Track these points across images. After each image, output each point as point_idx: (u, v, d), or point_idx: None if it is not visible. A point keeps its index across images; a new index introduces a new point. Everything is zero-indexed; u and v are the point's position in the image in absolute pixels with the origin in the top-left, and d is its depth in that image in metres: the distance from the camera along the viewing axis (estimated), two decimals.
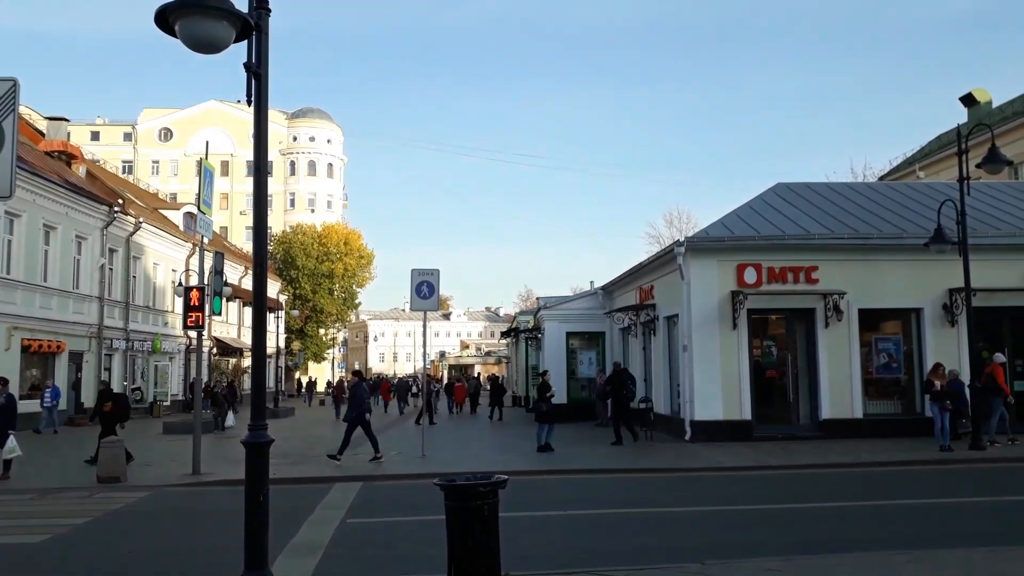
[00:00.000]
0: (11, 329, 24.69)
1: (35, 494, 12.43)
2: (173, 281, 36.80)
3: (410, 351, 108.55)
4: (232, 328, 45.44)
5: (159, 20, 5.65)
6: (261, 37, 6.03)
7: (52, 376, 27.59)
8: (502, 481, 5.27)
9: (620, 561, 7.09)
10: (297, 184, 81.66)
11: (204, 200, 15.15)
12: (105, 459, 13.34)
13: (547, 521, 9.63)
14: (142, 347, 34.15)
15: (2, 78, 6.17)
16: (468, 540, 5.11)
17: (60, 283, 27.78)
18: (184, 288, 17.07)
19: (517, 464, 14.69)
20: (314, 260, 65.20)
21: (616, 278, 25.08)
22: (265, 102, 6.13)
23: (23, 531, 9.49)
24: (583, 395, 26.07)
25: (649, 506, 10.59)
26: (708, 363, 17.54)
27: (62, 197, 27.60)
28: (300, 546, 8.23)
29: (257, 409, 6.21)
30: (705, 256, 17.99)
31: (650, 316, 21.32)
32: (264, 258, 6.43)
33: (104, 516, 10.37)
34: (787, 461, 14.30)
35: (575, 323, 26.95)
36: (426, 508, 9.11)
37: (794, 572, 6.48)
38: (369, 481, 13.27)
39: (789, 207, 20.25)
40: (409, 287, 16.71)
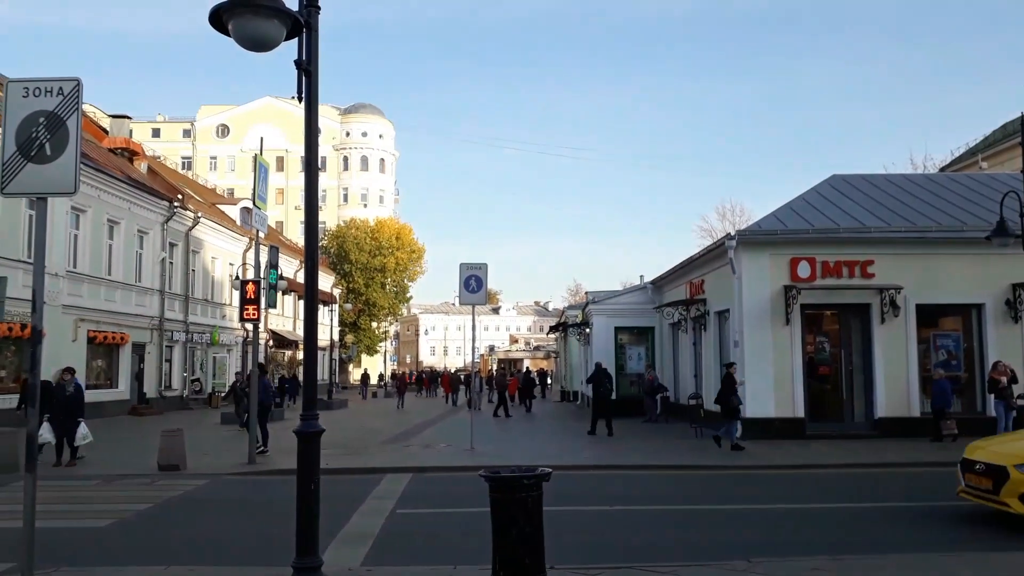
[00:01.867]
0: (78, 321, 25.65)
1: (100, 480, 12.92)
2: (230, 275, 37.78)
3: (460, 345, 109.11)
4: (288, 321, 46.39)
5: (213, 20, 5.84)
6: (311, 34, 6.17)
7: (115, 367, 28.60)
8: (546, 474, 5.32)
9: (666, 557, 7.08)
10: (350, 179, 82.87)
11: (259, 195, 15.51)
12: (165, 448, 13.80)
13: (593, 516, 9.65)
14: (201, 339, 35.13)
15: (66, 78, 6.41)
16: (512, 531, 5.17)
17: (123, 276, 28.75)
18: (240, 281, 17.54)
19: (564, 459, 14.72)
20: (367, 254, 66.14)
21: (666, 272, 24.88)
22: (315, 98, 6.27)
23: (90, 515, 9.88)
24: (632, 391, 25.92)
25: (697, 503, 10.54)
26: (760, 359, 17.31)
27: (125, 193, 28.54)
28: (351, 535, 8.41)
29: (308, 400, 6.37)
30: (757, 250, 17.74)
31: (701, 311, 21.10)
32: (315, 252, 6.58)
33: (164, 502, 10.74)
34: (840, 460, 14.04)
35: (624, 318, 26.81)
36: (474, 500, 9.20)
37: (840, 571, 6.38)
38: (419, 472, 13.47)
39: (844, 200, 19.82)
40: (458, 281, 16.86)
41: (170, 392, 32.33)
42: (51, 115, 6.37)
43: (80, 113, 6.45)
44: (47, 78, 6.47)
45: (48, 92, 6.41)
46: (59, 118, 6.37)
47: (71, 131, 6.38)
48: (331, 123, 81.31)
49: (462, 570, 6.49)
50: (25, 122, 6.38)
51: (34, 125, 6.36)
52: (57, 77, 6.47)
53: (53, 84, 6.43)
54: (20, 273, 20.70)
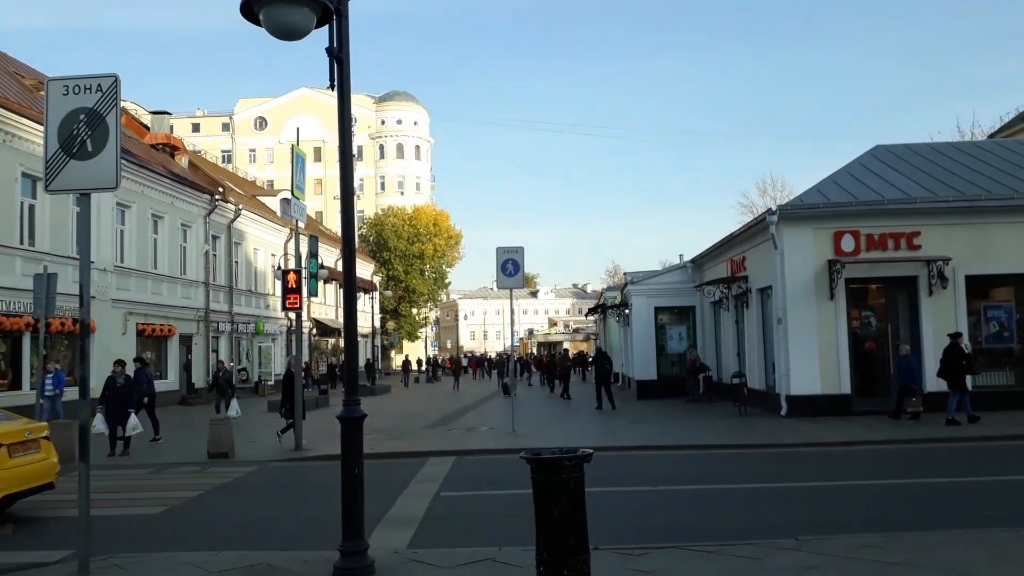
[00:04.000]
0: (127, 314, 26.28)
1: (152, 469, 13.25)
2: (272, 265, 38.36)
3: (499, 329, 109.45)
4: (330, 309, 46.95)
5: (245, 10, 5.88)
6: (341, 22, 6.17)
7: (164, 359, 29.26)
8: (587, 455, 5.28)
9: (711, 536, 7.03)
10: (386, 167, 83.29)
11: (297, 186, 15.69)
12: (214, 436, 14.10)
13: (636, 496, 9.62)
14: (246, 329, 35.75)
15: (104, 75, 6.51)
16: (555, 513, 5.15)
17: (169, 269, 29.35)
18: (282, 271, 17.77)
19: (606, 440, 14.70)
20: (405, 241, 66.50)
21: (706, 250, 24.56)
22: (347, 86, 6.27)
23: (142, 503, 10.15)
24: (673, 371, 25.73)
25: (742, 482, 10.42)
26: (804, 336, 17.02)
27: (167, 187, 29.08)
28: (396, 518, 8.51)
29: (350, 385, 6.45)
30: (799, 224, 17.41)
31: (742, 288, 20.81)
32: (352, 239, 6.61)
33: (214, 490, 10.98)
34: (888, 436, 13.78)
35: (663, 298, 26.55)
36: (517, 482, 9.23)
37: (891, 548, 6.26)
38: (462, 456, 13.55)
39: (889, 171, 19.32)
40: (495, 265, 16.85)
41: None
42: (91, 112, 6.47)
43: (119, 109, 6.54)
44: (86, 75, 6.57)
45: (87, 89, 6.51)
46: (99, 114, 6.47)
47: (111, 127, 6.48)
48: (366, 112, 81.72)
49: (507, 551, 6.52)
50: (66, 119, 6.50)
51: (75, 122, 6.48)
52: (95, 74, 6.57)
53: (92, 81, 6.53)
54: (70, 269, 21.24)
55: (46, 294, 15.43)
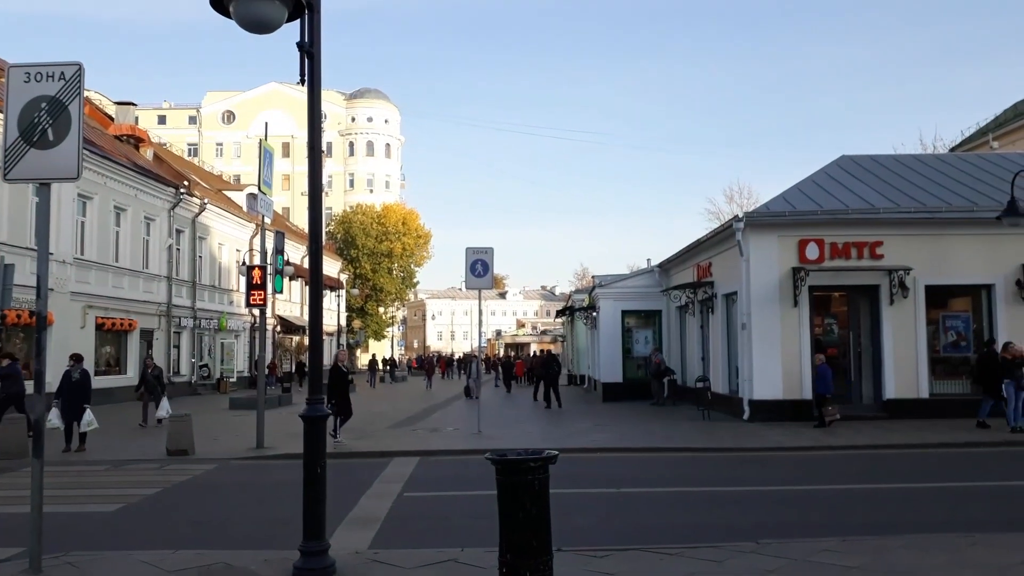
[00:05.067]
0: (86, 308, 25.73)
1: (109, 465, 12.99)
2: (237, 261, 37.86)
3: (467, 330, 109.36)
4: (295, 307, 46.47)
5: (214, 2, 5.79)
6: (313, 16, 6.11)
7: (124, 353, 28.70)
8: (552, 456, 5.28)
9: (674, 539, 7.07)
10: (356, 165, 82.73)
11: (264, 181, 15.48)
12: (174, 433, 13.86)
13: (600, 498, 9.65)
14: (209, 325, 35.22)
15: (67, 63, 6.37)
16: (519, 514, 5.15)
17: (131, 263, 28.79)
18: (247, 267, 17.54)
19: (571, 442, 14.73)
20: (373, 240, 66.13)
21: (673, 255, 24.78)
22: (318, 81, 6.21)
23: (97, 500, 9.93)
24: (639, 374, 25.91)
25: (705, 485, 10.52)
26: (768, 341, 17.24)
27: (131, 179, 28.53)
28: (358, 518, 8.43)
29: (314, 384, 6.38)
30: (765, 232, 17.63)
31: (708, 294, 21.02)
32: (319, 236, 6.55)
33: (172, 487, 10.79)
34: (848, 441, 14.00)
35: (630, 301, 26.73)
36: (481, 483, 9.21)
37: (850, 552, 6.36)
38: (426, 456, 13.49)
39: (853, 181, 19.66)
40: (464, 265, 16.81)
41: (178, 378, 32.47)
42: (53, 100, 6.34)
43: (82, 98, 6.40)
44: (48, 63, 6.44)
45: (50, 77, 6.37)
46: (61, 103, 6.34)
47: (73, 116, 6.35)
48: (337, 109, 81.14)
49: (469, 552, 6.49)
50: (27, 107, 6.36)
51: (36, 110, 6.34)
52: (59, 62, 6.43)
53: (55, 69, 6.40)
54: (28, 260, 20.72)
55: (2, 285, 15.05)
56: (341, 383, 15.51)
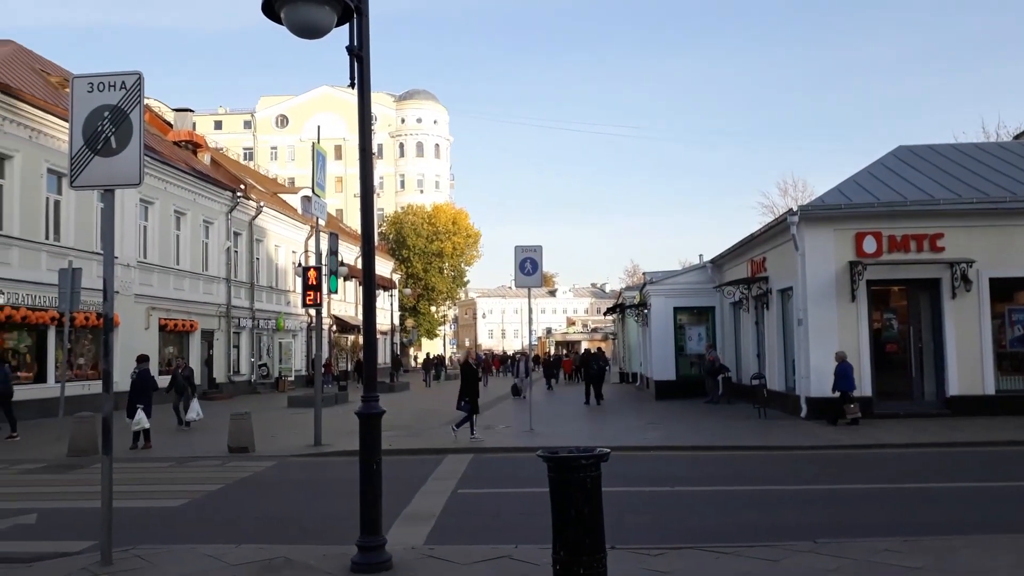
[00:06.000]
0: (150, 310, 26.57)
1: (174, 462, 13.39)
2: (293, 262, 38.62)
3: (517, 328, 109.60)
4: (350, 307, 47.19)
5: (266, 8, 5.92)
6: (362, 20, 6.21)
7: (186, 353, 29.52)
8: (604, 454, 5.28)
9: (729, 538, 7.00)
10: (406, 166, 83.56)
11: (318, 183, 15.77)
12: (234, 431, 14.23)
13: (653, 497, 9.60)
14: (267, 325, 36.02)
15: (128, 72, 6.58)
16: (572, 512, 5.15)
17: (191, 266, 29.63)
18: (303, 268, 17.89)
19: (624, 440, 14.66)
20: (424, 240, 66.75)
21: (726, 250, 24.43)
22: (367, 84, 6.30)
23: (164, 496, 10.26)
24: (692, 372, 25.61)
25: (760, 484, 10.37)
26: (825, 337, 16.88)
27: (190, 184, 29.35)
28: (413, 515, 8.54)
29: (369, 382, 6.48)
30: (821, 225, 17.27)
31: (762, 289, 20.68)
32: (372, 236, 6.65)
33: (234, 483, 11.07)
34: (910, 439, 13.64)
35: (683, 298, 26.44)
36: (533, 480, 9.23)
37: (913, 552, 6.20)
38: (479, 454, 13.58)
39: (911, 171, 19.11)
40: (513, 264, 16.86)
41: (238, 377, 33.29)
42: (115, 109, 6.55)
43: (142, 106, 6.60)
44: (110, 73, 6.64)
45: (111, 86, 6.58)
46: (123, 111, 6.55)
47: (134, 124, 6.55)
48: (387, 110, 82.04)
49: (523, 549, 6.52)
50: (91, 116, 6.58)
51: (99, 119, 6.55)
52: (120, 72, 6.63)
53: (116, 78, 6.61)
54: (94, 264, 21.47)
55: (71, 289, 15.63)
56: (473, 380, 15.74)
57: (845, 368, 15.95)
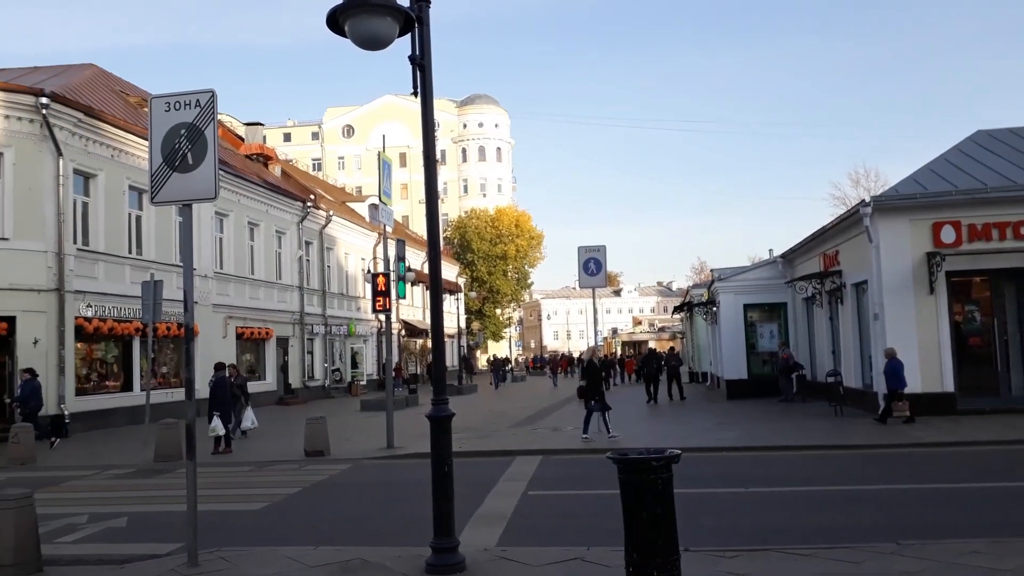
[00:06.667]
0: (227, 319, 27.48)
1: (253, 466, 13.82)
2: (362, 269, 39.41)
3: (583, 328, 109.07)
4: (417, 311, 47.84)
5: (330, 22, 6.08)
6: (423, 29, 6.31)
7: (263, 360, 30.42)
8: (675, 456, 5.23)
9: (806, 539, 6.84)
10: (469, 170, 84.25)
11: (384, 191, 16.06)
12: (310, 435, 14.59)
13: (727, 498, 9.45)
14: (339, 331, 36.85)
15: (201, 90, 6.84)
16: (643, 513, 5.13)
17: (265, 275, 30.54)
18: (372, 275, 18.23)
19: (695, 440, 14.45)
20: (488, 243, 67.18)
21: (796, 245, 23.84)
22: (430, 92, 6.40)
23: (245, 499, 10.60)
24: (764, 370, 25.07)
25: (838, 484, 10.10)
26: (903, 332, 16.30)
27: (262, 196, 30.26)
28: (485, 516, 8.61)
29: (438, 385, 6.57)
30: (895, 216, 16.70)
31: (836, 284, 20.11)
32: (437, 242, 6.75)
33: (311, 486, 11.36)
34: (996, 436, 13.07)
35: (753, 294, 25.91)
36: (604, 482, 9.17)
37: (1002, 554, 5.95)
38: (548, 455, 13.59)
39: (991, 157, 18.29)
40: (577, 264, 16.82)
41: (313, 382, 34.12)
42: (191, 126, 6.82)
43: (216, 122, 6.86)
44: (185, 92, 6.92)
45: (187, 105, 6.86)
46: (198, 128, 6.82)
47: (209, 140, 6.81)
48: (448, 116, 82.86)
49: (595, 551, 6.51)
50: (169, 134, 6.87)
51: (176, 137, 6.84)
52: (194, 90, 6.90)
53: (191, 97, 6.88)
54: (174, 276, 22.35)
55: (153, 300, 16.29)
56: (598, 379, 15.62)
57: (895, 366, 15.44)
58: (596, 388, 15.41)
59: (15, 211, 19.26)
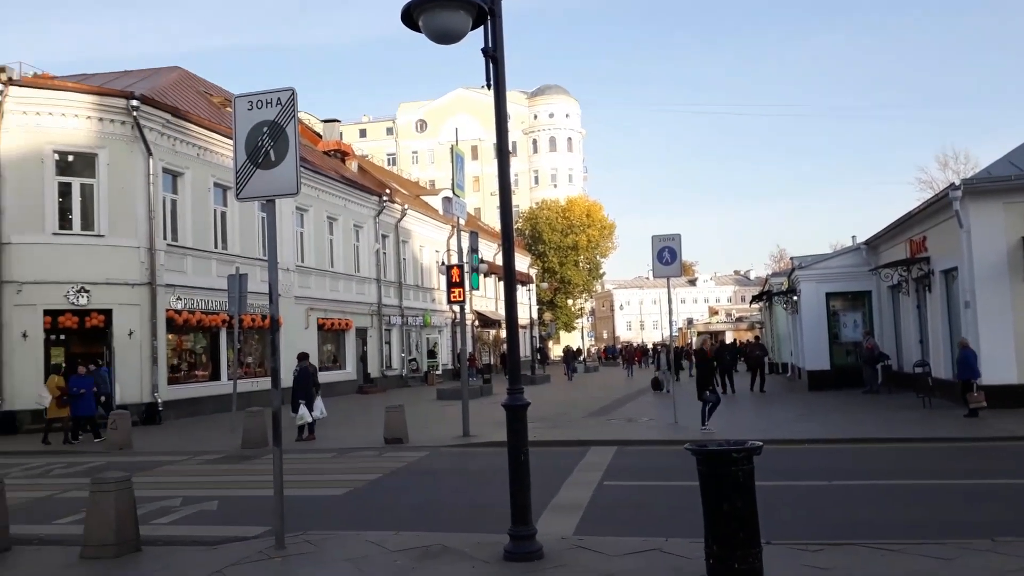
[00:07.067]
0: (309, 310, 28.27)
1: (335, 453, 14.19)
2: (436, 261, 39.95)
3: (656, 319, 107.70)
4: (490, 302, 48.21)
5: (405, 18, 6.17)
6: (495, 22, 6.34)
7: (343, 350, 31.18)
8: (756, 447, 5.14)
9: (891, 534, 6.63)
10: (539, 161, 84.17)
11: (457, 184, 16.24)
12: (389, 423, 14.92)
13: (810, 491, 9.22)
14: (415, 322, 37.49)
15: (282, 89, 7.03)
16: (724, 505, 5.07)
17: (344, 267, 31.29)
18: (446, 267, 18.49)
19: (775, 432, 14.13)
20: (559, 234, 67.02)
21: (881, 231, 22.99)
22: (503, 84, 6.43)
23: (328, 485, 10.91)
24: (848, 360, 24.29)
25: (927, 478, 9.73)
26: (996, 320, 15.56)
27: (340, 191, 30.98)
28: (561, 505, 8.64)
29: (513, 375, 6.62)
30: (987, 199, 15.91)
31: (923, 271, 19.32)
32: (511, 234, 6.78)
33: (391, 473, 11.61)
34: None
35: (835, 283, 25.12)
36: (680, 473, 9.12)
37: None
38: (623, 446, 13.52)
39: None
40: (650, 254, 16.60)
41: (390, 371, 34.83)
42: (272, 124, 7.02)
43: (296, 120, 7.05)
44: (266, 91, 7.12)
45: (268, 103, 7.06)
46: (279, 126, 7.01)
47: (290, 137, 7.00)
48: (519, 108, 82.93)
49: (673, 542, 6.46)
50: (252, 132, 7.08)
51: (259, 135, 7.05)
52: (274, 89, 7.10)
53: (272, 95, 7.08)
54: (257, 270, 23.16)
55: (239, 293, 16.88)
56: (711, 370, 15.63)
57: (967, 355, 14.90)
58: (709, 378, 15.15)
59: (110, 209, 20.23)
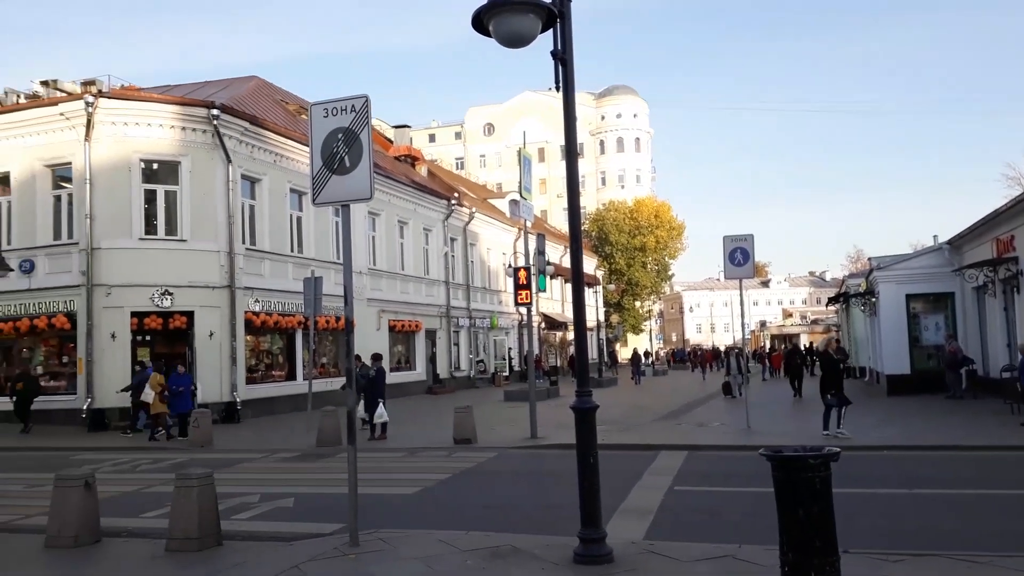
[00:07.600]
0: (380, 312, 28.81)
1: (405, 452, 14.42)
2: (503, 263, 40.16)
3: (727, 321, 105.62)
4: (557, 304, 48.17)
5: (475, 23, 6.25)
6: (565, 24, 6.35)
7: (412, 352, 31.65)
8: (834, 454, 5.02)
9: (974, 546, 6.37)
10: (606, 162, 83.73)
11: (524, 187, 16.30)
12: (458, 423, 15.08)
13: (890, 499, 8.92)
14: (482, 324, 37.79)
15: (356, 96, 7.20)
16: (799, 512, 4.96)
17: (414, 270, 31.78)
18: (513, 269, 18.57)
19: (853, 439, 13.71)
20: (626, 235, 66.44)
21: (965, 230, 22.07)
22: (572, 86, 6.44)
23: (400, 484, 11.08)
24: (930, 364, 23.38)
25: (1014, 488, 9.31)
26: None
27: (410, 195, 31.49)
28: (631, 509, 8.59)
29: (582, 377, 6.62)
30: None
31: (1011, 271, 18.46)
32: (579, 235, 6.78)
33: (461, 473, 11.72)
34: None
35: (916, 283, 24.21)
36: (753, 479, 8.97)
37: None
38: (693, 451, 13.33)
39: None
40: (722, 255, 16.32)
41: (459, 372, 35.18)
42: (347, 131, 7.20)
43: (370, 126, 7.21)
44: (341, 98, 7.31)
45: (343, 110, 7.24)
46: (354, 133, 7.19)
47: (364, 143, 7.16)
48: (586, 109, 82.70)
49: (747, 549, 6.35)
50: (327, 139, 7.28)
51: (334, 141, 7.24)
52: (349, 96, 7.29)
53: (346, 103, 7.26)
54: (332, 272, 23.69)
55: (314, 295, 17.31)
56: (836, 371, 14.76)
57: None
58: (833, 381, 14.39)
59: (192, 215, 21.03)
